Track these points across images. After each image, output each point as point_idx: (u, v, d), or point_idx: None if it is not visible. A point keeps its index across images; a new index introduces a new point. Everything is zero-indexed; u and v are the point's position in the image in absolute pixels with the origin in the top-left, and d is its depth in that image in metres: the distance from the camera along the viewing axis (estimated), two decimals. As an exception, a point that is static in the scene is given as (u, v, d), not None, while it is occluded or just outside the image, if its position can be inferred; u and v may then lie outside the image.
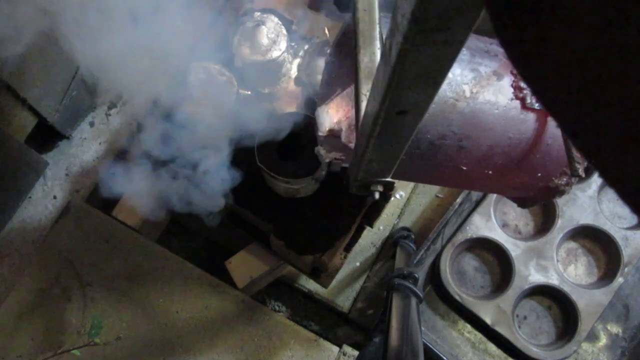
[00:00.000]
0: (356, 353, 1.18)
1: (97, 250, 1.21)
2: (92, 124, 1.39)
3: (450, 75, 0.66)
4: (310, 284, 1.32)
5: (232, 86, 0.99)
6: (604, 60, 0.21)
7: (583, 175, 0.68)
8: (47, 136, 1.35)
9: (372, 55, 0.61)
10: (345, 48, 0.78)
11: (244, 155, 1.04)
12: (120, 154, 1.34)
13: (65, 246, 1.21)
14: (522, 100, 0.69)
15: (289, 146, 0.96)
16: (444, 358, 1.21)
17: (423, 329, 1.08)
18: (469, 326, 1.26)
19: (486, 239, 1.28)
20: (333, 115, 0.78)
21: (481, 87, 0.67)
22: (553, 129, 0.70)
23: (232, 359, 1.17)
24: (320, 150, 0.77)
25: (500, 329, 1.21)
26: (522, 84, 0.69)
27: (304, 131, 0.95)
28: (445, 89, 0.66)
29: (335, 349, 1.19)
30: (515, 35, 0.26)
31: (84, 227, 1.23)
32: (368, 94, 0.57)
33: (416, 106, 0.47)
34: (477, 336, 1.25)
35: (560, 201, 1.28)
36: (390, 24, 0.40)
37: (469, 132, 0.67)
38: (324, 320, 1.36)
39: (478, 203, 1.29)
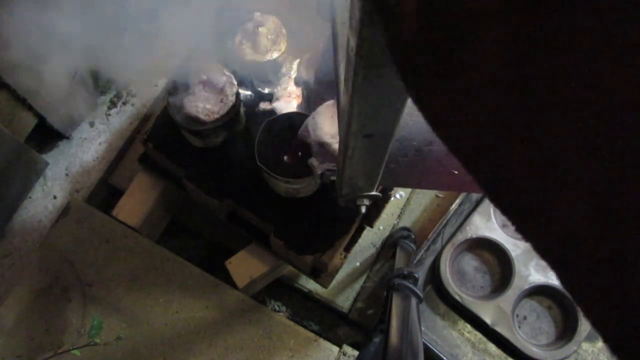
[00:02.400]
0: (356, 353, 1.18)
1: (97, 250, 1.21)
2: (92, 124, 1.38)
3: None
4: (310, 284, 1.32)
5: (232, 86, 0.99)
6: (510, 122, 0.22)
7: None
8: (47, 136, 1.35)
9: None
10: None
11: (244, 156, 1.04)
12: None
13: (65, 246, 1.21)
14: None
15: (289, 146, 0.96)
16: (444, 358, 1.20)
17: (423, 329, 1.08)
18: (469, 326, 1.26)
19: (486, 239, 1.28)
20: (324, 127, 0.78)
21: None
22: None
23: (232, 359, 1.17)
24: (314, 161, 0.76)
25: (500, 329, 1.21)
26: None
27: (304, 131, 0.95)
28: None
29: (335, 349, 1.19)
30: (425, 98, 0.26)
31: (84, 227, 1.23)
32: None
33: (381, 130, 0.47)
34: (477, 336, 1.25)
35: (560, 201, 1.28)
36: (345, 56, 0.40)
37: None
38: (324, 320, 1.36)
39: (478, 203, 1.29)
